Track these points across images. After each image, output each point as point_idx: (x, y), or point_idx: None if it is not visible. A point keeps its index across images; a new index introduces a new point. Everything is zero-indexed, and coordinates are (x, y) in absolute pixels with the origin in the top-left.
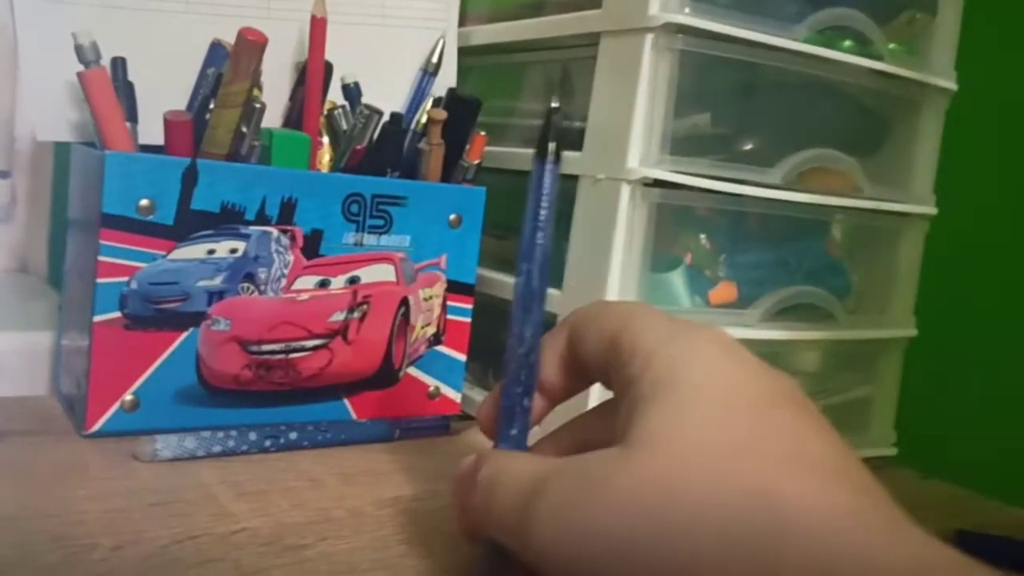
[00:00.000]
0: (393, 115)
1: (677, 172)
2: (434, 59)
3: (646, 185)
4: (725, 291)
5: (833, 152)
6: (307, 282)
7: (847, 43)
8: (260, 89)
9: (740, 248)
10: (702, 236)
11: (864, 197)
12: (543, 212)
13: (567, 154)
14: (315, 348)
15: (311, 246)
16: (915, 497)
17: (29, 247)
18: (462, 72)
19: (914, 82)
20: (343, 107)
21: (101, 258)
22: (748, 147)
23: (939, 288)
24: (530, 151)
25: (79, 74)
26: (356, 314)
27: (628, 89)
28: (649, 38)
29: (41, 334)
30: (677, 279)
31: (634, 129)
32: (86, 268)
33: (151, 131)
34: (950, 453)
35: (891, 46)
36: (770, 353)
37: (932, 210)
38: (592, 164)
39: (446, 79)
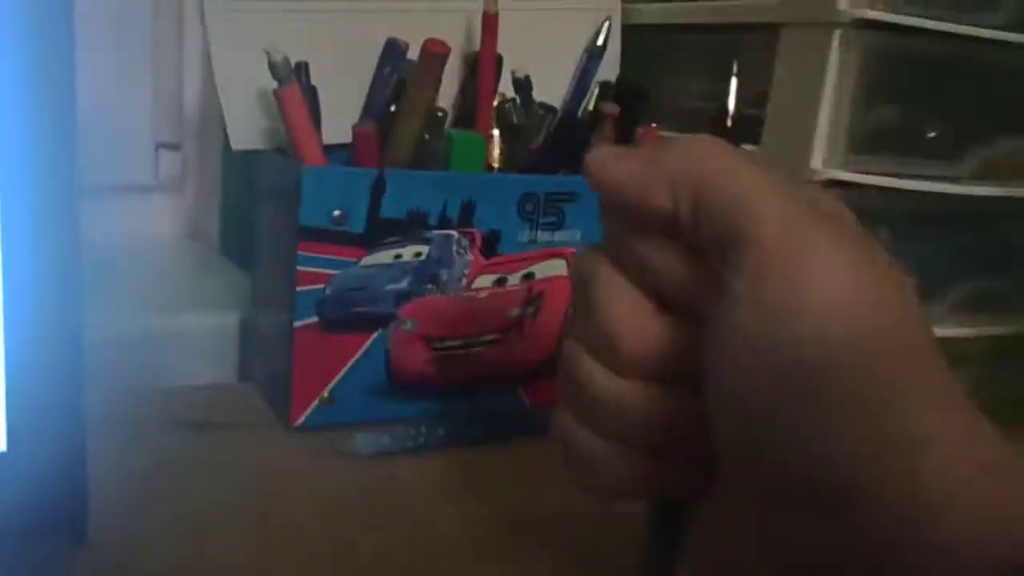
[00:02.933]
0: (565, 114)
1: (861, 172)
2: (599, 41)
3: (827, 186)
4: None
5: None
6: (485, 280)
7: None
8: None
9: (921, 238)
10: (882, 230)
11: None
12: None
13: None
14: (492, 342)
15: (489, 245)
16: None
17: (199, 215)
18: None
19: None
20: (514, 100)
21: (300, 268)
22: (933, 137)
23: None
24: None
25: (275, 91)
26: (530, 309)
27: (813, 85)
28: (837, 33)
29: (228, 316)
30: None
31: (819, 127)
32: (283, 274)
33: (330, 131)
34: None
35: None
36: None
37: None
38: (772, 161)
39: (610, 61)
